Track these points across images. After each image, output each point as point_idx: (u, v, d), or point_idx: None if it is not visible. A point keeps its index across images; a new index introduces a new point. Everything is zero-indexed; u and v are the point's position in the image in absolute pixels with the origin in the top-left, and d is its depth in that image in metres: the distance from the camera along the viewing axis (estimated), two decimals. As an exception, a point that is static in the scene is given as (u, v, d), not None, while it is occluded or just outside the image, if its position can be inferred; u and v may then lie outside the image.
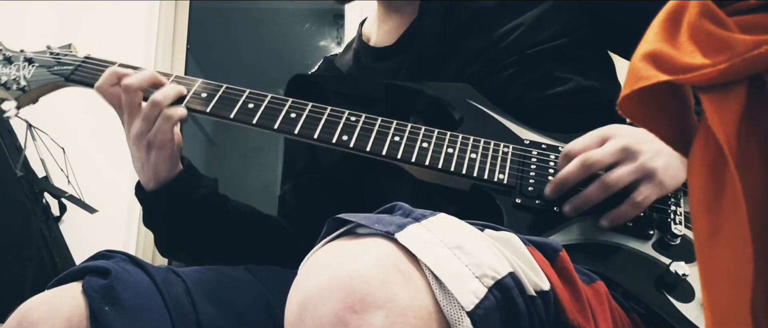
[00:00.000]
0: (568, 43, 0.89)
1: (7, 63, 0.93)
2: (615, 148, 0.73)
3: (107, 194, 2.51)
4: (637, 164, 0.73)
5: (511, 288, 0.49)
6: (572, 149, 0.76)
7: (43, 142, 2.26)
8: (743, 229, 0.34)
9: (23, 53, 0.94)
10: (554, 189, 0.76)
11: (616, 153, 0.73)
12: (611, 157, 0.73)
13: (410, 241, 0.49)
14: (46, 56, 0.94)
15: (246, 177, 4.63)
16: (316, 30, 4.40)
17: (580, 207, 0.75)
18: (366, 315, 0.44)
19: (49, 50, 0.95)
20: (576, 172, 0.74)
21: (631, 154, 0.73)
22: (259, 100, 0.86)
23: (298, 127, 0.83)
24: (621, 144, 0.73)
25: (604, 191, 0.73)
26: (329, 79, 1.03)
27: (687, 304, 0.70)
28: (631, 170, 0.73)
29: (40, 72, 0.92)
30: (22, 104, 0.92)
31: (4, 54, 0.93)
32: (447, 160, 0.79)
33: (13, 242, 2.14)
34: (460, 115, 0.86)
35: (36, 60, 0.93)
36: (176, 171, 0.89)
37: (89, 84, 0.90)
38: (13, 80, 0.91)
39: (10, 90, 0.91)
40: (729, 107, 0.36)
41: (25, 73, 0.91)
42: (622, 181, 0.73)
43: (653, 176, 0.73)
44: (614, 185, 0.73)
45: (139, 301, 0.71)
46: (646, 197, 0.73)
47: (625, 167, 0.73)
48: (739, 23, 0.36)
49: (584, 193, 0.74)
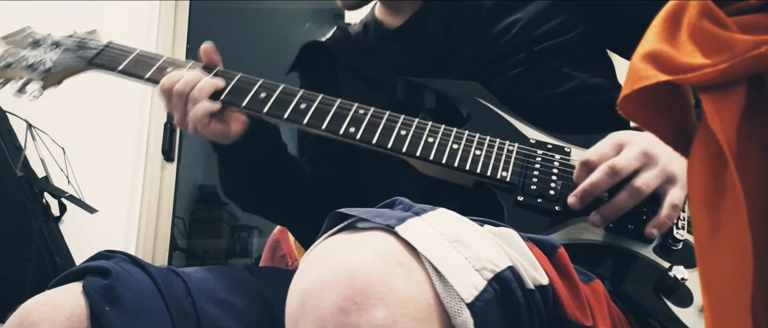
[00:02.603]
0: (573, 40, 0.89)
1: (35, 46, 0.97)
2: (636, 153, 0.72)
3: (107, 194, 2.51)
4: (659, 168, 0.72)
5: (510, 281, 0.50)
6: (591, 158, 0.74)
7: (43, 142, 2.26)
8: (743, 229, 0.34)
9: (50, 36, 0.98)
10: (581, 198, 0.73)
11: (638, 158, 0.72)
12: (636, 163, 0.72)
13: (410, 234, 0.49)
14: (71, 41, 0.97)
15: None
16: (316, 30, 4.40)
17: (610, 216, 0.73)
18: (367, 307, 0.44)
19: (75, 35, 0.99)
20: (604, 180, 0.72)
21: (652, 158, 0.72)
22: (270, 90, 0.87)
23: (307, 118, 0.84)
24: (640, 149, 0.72)
25: (635, 198, 0.72)
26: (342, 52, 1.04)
27: (684, 309, 0.69)
28: (657, 174, 0.72)
29: (65, 55, 0.96)
30: (47, 86, 0.96)
31: (33, 37, 0.97)
32: (451, 156, 0.80)
33: (13, 242, 2.14)
34: (468, 112, 0.86)
35: (62, 44, 0.97)
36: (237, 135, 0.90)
37: (110, 68, 0.93)
38: (40, 62, 0.95)
39: (37, 71, 0.94)
40: (729, 107, 0.36)
41: (51, 56, 0.95)
42: (650, 186, 0.71)
43: (676, 179, 0.72)
44: (645, 190, 0.71)
45: (139, 301, 0.71)
46: (679, 199, 0.72)
47: (650, 171, 0.72)
48: (739, 23, 0.36)
49: (616, 200, 0.72)
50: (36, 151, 2.22)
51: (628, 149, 0.73)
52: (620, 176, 0.72)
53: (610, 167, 0.71)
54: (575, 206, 0.74)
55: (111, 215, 2.49)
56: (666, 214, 0.72)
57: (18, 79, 0.96)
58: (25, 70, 0.94)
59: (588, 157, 0.74)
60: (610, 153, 0.74)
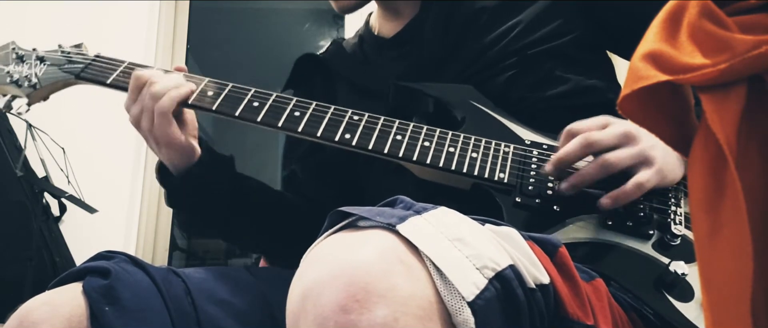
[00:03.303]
0: (568, 43, 0.90)
1: (19, 61, 0.95)
2: (617, 132, 0.74)
3: (107, 194, 2.51)
4: (637, 149, 0.73)
5: (511, 280, 0.50)
6: (574, 128, 0.76)
7: (43, 143, 2.26)
8: (743, 229, 0.34)
9: (35, 52, 0.96)
10: (554, 165, 0.76)
11: (617, 136, 0.74)
12: (613, 139, 0.74)
13: (412, 233, 0.49)
14: (57, 55, 0.96)
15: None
16: (316, 30, 4.40)
17: (576, 184, 0.75)
18: (368, 305, 0.44)
19: (61, 49, 0.97)
20: (577, 150, 0.74)
21: (632, 139, 0.74)
22: (263, 99, 0.87)
23: (302, 125, 0.83)
24: (622, 129, 0.74)
25: (603, 170, 0.73)
26: (337, 65, 1.04)
27: (686, 303, 0.70)
28: (632, 154, 0.73)
29: (51, 70, 0.94)
30: (33, 101, 0.95)
31: (17, 53, 0.96)
32: (448, 159, 0.80)
33: (13, 242, 2.14)
34: (463, 115, 0.86)
35: (47, 58, 0.95)
36: (193, 160, 0.89)
37: (99, 82, 0.91)
38: (25, 78, 0.93)
39: (22, 87, 0.93)
40: (729, 107, 0.36)
41: (37, 71, 0.94)
42: (622, 162, 0.73)
43: (653, 163, 0.73)
44: (614, 164, 0.73)
45: (139, 301, 0.71)
46: (647, 180, 0.73)
47: (625, 149, 0.73)
48: (739, 23, 0.36)
49: (583, 170, 0.74)
50: (36, 151, 2.22)
51: (611, 127, 0.75)
52: (593, 148, 0.74)
53: (585, 138, 0.74)
54: (550, 172, 0.76)
55: (111, 215, 2.49)
56: (627, 189, 0.73)
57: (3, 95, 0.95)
58: (10, 87, 0.93)
59: (571, 127, 0.77)
60: (594, 128, 0.75)
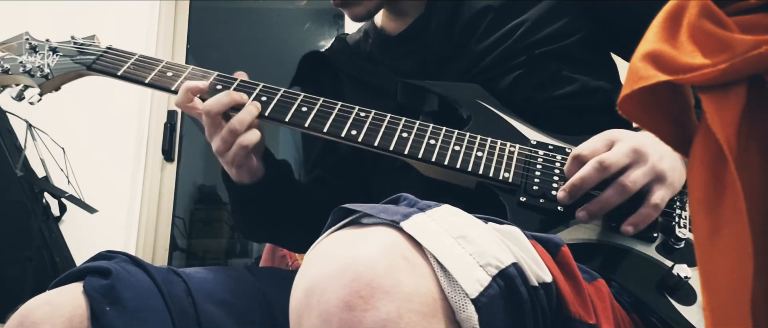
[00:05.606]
0: (574, 44, 0.90)
1: (32, 51, 0.96)
2: (626, 150, 0.73)
3: (107, 194, 2.51)
4: (649, 166, 0.72)
5: (514, 277, 0.50)
6: (582, 153, 0.75)
7: (43, 143, 2.26)
8: (743, 229, 0.34)
9: (48, 42, 0.97)
10: (569, 192, 0.74)
11: (628, 155, 0.73)
12: (625, 159, 0.73)
13: (415, 229, 0.49)
14: (69, 46, 0.97)
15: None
16: (316, 30, 4.40)
17: (597, 212, 0.73)
18: (372, 300, 0.44)
19: (73, 40, 0.98)
20: (593, 174, 0.73)
21: (642, 156, 0.73)
22: (271, 94, 0.87)
23: (309, 121, 0.84)
24: (630, 146, 0.73)
25: (622, 194, 0.72)
26: (343, 62, 1.04)
27: (689, 307, 0.70)
28: (645, 172, 0.72)
29: (63, 61, 0.95)
30: (45, 91, 0.96)
31: (30, 43, 0.97)
32: (453, 158, 0.80)
33: (13, 242, 2.14)
34: (469, 114, 0.86)
35: (60, 49, 0.96)
36: (258, 176, 0.91)
37: (110, 73, 0.92)
38: (38, 68, 0.94)
39: (34, 77, 0.94)
40: (729, 107, 0.36)
41: (49, 62, 0.95)
42: (638, 183, 0.72)
43: (664, 178, 0.73)
44: (632, 187, 0.72)
45: (140, 301, 0.71)
46: (662, 199, 0.72)
47: (638, 169, 0.72)
48: (739, 23, 0.36)
49: (602, 197, 0.73)
50: (36, 151, 2.22)
51: (618, 146, 0.74)
52: (609, 171, 0.72)
53: (600, 163, 0.73)
54: (564, 200, 0.75)
55: (111, 215, 2.49)
56: (645, 212, 0.73)
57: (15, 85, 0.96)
58: (23, 76, 0.94)
59: (579, 151, 0.75)
60: (601, 149, 0.75)
